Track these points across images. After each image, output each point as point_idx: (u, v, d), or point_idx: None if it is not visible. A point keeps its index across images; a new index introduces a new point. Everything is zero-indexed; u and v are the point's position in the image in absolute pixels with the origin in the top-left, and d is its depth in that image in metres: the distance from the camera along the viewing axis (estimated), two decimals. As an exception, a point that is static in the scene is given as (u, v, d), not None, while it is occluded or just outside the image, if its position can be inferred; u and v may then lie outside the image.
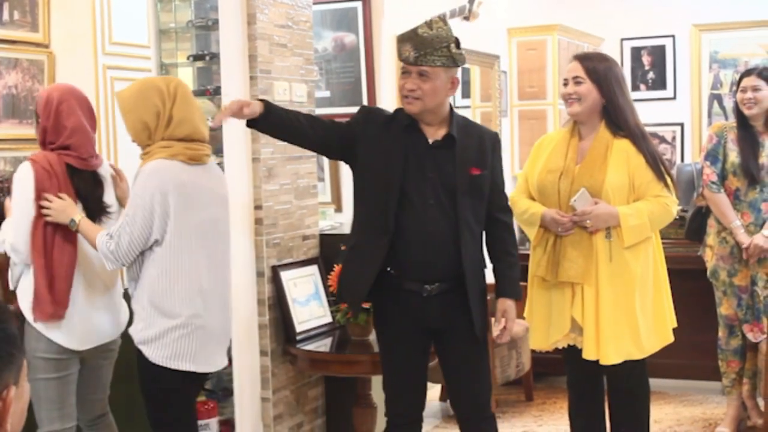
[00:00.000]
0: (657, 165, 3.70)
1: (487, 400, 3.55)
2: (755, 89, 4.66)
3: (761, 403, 4.78)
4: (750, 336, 4.71)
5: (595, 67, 3.73)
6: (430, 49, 3.29)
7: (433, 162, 3.38)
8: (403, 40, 3.34)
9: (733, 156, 4.66)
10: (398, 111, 3.48)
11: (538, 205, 3.74)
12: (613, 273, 3.64)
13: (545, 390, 5.76)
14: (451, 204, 3.36)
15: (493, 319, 3.61)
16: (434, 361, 3.72)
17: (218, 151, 4.32)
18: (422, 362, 3.54)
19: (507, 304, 3.53)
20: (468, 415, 3.55)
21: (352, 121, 3.51)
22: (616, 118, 3.72)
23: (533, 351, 5.13)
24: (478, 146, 3.44)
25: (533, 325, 3.82)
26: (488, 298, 3.55)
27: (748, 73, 4.78)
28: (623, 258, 3.65)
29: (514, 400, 5.61)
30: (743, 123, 4.71)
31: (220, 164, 4.28)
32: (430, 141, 3.40)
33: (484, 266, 3.52)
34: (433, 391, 5.37)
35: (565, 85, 3.79)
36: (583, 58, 3.79)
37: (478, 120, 6.52)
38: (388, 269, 3.40)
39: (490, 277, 3.56)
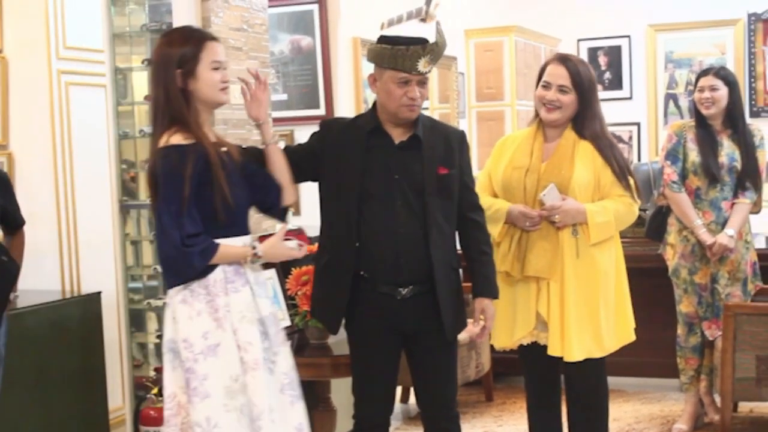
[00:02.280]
0: (624, 173, 3.71)
1: (453, 399, 3.54)
2: (713, 89, 4.66)
3: (718, 399, 4.82)
4: (707, 333, 4.75)
5: (580, 74, 3.69)
6: (439, 57, 3.31)
7: (400, 163, 3.36)
8: (422, 54, 3.23)
9: (693, 155, 4.68)
10: (359, 117, 3.47)
11: (502, 201, 3.74)
12: (579, 269, 3.65)
13: (505, 390, 5.78)
14: (420, 204, 3.34)
15: (471, 320, 3.59)
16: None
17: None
18: (393, 366, 3.52)
19: (485, 304, 3.49)
20: (433, 414, 3.55)
21: (312, 139, 3.49)
22: (583, 125, 3.71)
23: (493, 351, 5.15)
24: (444, 145, 3.42)
25: (496, 323, 3.68)
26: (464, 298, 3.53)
27: (705, 72, 4.78)
28: (590, 255, 3.66)
29: (474, 400, 5.63)
30: (701, 122, 4.72)
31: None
32: (396, 142, 3.39)
33: (457, 267, 3.48)
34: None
35: (545, 87, 3.73)
36: (567, 63, 3.72)
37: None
38: (362, 273, 3.37)
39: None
